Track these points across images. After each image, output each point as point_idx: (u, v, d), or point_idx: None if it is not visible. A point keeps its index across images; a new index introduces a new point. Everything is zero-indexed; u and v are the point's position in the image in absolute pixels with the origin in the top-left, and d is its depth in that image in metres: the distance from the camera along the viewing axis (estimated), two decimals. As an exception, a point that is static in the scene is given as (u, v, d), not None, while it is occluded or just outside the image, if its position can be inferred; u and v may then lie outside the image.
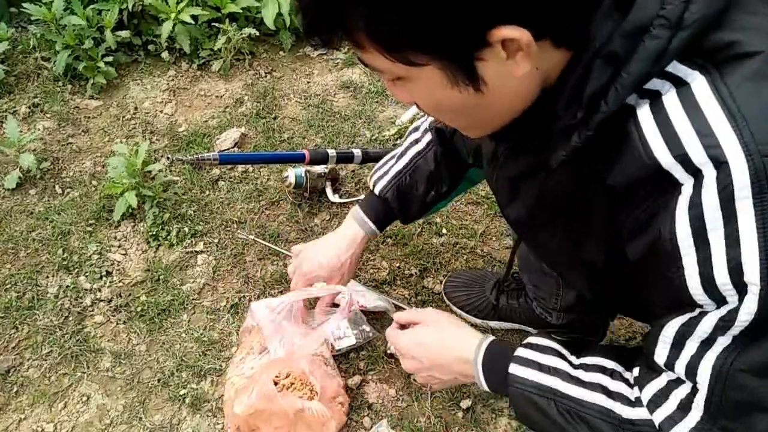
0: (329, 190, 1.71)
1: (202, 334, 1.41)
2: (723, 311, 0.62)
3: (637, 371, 0.78)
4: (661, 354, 0.71)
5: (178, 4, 2.02)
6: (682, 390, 0.70)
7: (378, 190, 1.22)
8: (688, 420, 0.69)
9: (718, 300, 0.61)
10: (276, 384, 1.19)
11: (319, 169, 1.67)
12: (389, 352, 1.35)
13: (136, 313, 1.44)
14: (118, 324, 1.43)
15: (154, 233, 1.60)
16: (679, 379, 0.70)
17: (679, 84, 0.59)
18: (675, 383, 0.71)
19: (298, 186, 1.65)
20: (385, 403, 1.31)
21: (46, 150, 1.83)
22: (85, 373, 1.34)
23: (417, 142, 1.22)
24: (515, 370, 0.86)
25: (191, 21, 2.02)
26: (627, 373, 0.80)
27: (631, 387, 0.77)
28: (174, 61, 2.16)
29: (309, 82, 2.14)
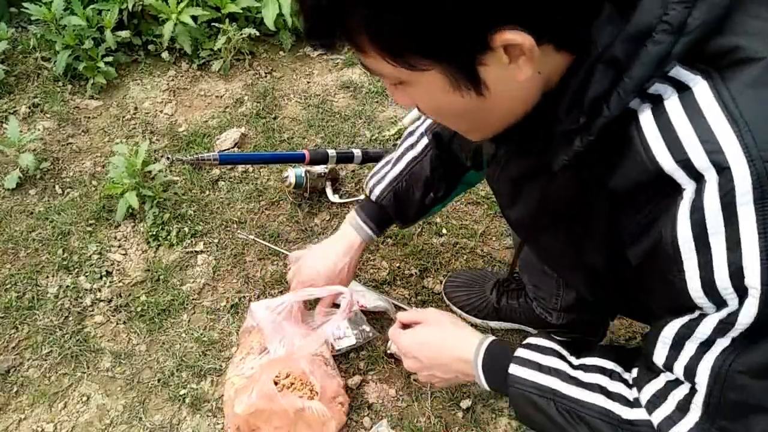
0: (329, 190, 1.71)
1: (202, 334, 1.41)
2: (723, 314, 0.62)
3: (636, 372, 0.78)
4: (660, 355, 0.71)
5: (178, 4, 2.02)
6: (681, 391, 0.70)
7: (375, 196, 1.22)
8: (686, 420, 0.69)
9: (718, 303, 0.62)
10: (276, 384, 1.19)
11: (319, 169, 1.67)
12: (389, 352, 1.36)
13: (136, 313, 1.44)
14: (118, 324, 1.43)
15: (154, 233, 1.60)
16: (678, 380, 0.71)
17: (682, 88, 0.59)
18: (673, 384, 0.71)
19: (298, 186, 1.65)
20: (385, 403, 1.31)
21: (46, 150, 1.83)
22: (85, 373, 1.34)
23: (413, 147, 1.22)
24: (515, 370, 0.87)
25: (192, 22, 2.02)
26: (626, 373, 0.80)
27: (630, 388, 0.78)
28: (174, 61, 2.16)
29: (309, 82, 2.14)
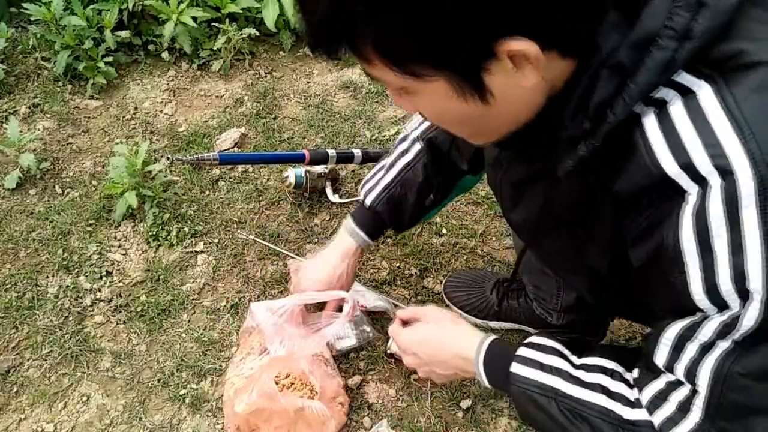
0: (329, 190, 1.71)
1: (202, 334, 1.41)
2: (725, 317, 0.62)
3: (637, 372, 0.78)
4: (661, 356, 0.71)
5: (179, 5, 2.02)
6: (682, 392, 0.70)
7: (369, 203, 1.23)
8: (687, 421, 0.69)
9: (721, 305, 0.62)
10: (276, 384, 1.19)
11: (319, 169, 1.67)
12: (389, 352, 1.36)
13: (136, 313, 1.44)
14: (118, 324, 1.43)
15: (154, 233, 1.60)
16: (679, 381, 0.71)
17: (686, 93, 0.59)
18: (674, 385, 0.71)
19: (298, 186, 1.65)
20: (385, 403, 1.31)
21: (46, 150, 1.83)
22: (85, 373, 1.34)
23: (405, 152, 1.22)
24: (517, 369, 0.87)
25: (192, 22, 2.02)
26: (627, 373, 0.80)
27: (632, 388, 0.78)
28: (174, 61, 2.16)
29: (309, 82, 2.14)
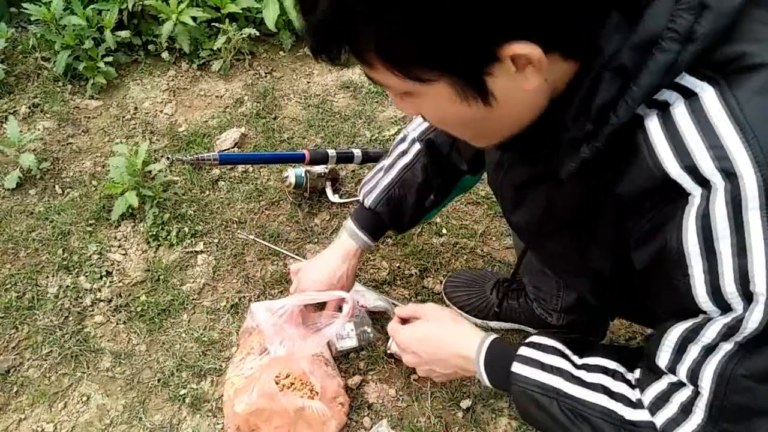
0: (329, 190, 1.71)
1: (202, 334, 1.41)
2: (729, 319, 0.62)
3: (639, 373, 0.78)
4: (663, 358, 0.71)
5: (178, 4, 2.02)
6: (684, 393, 0.70)
7: (369, 204, 1.23)
8: (690, 423, 0.69)
9: (724, 308, 0.62)
10: (276, 384, 1.19)
11: (319, 169, 1.67)
12: (389, 352, 1.36)
13: (136, 313, 1.44)
14: (118, 324, 1.43)
15: (154, 233, 1.60)
16: (681, 383, 0.71)
17: (689, 95, 0.59)
18: (676, 386, 0.71)
19: (298, 186, 1.65)
20: (385, 403, 1.31)
21: (46, 150, 1.83)
22: (85, 373, 1.34)
23: (404, 153, 1.22)
24: (518, 368, 0.87)
25: (191, 22, 2.02)
26: (629, 374, 0.80)
27: (633, 388, 0.78)
28: (174, 61, 2.16)
29: (309, 82, 2.14)
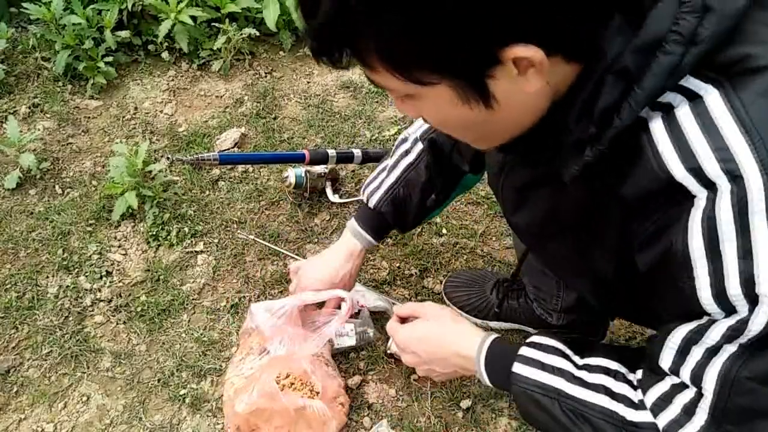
0: (329, 190, 1.71)
1: (202, 334, 1.41)
2: (733, 321, 0.62)
3: (641, 374, 0.78)
4: (666, 359, 0.71)
5: (178, 4, 2.02)
6: (687, 395, 0.70)
7: (373, 204, 1.23)
8: (692, 424, 0.69)
9: (728, 310, 0.61)
10: (276, 384, 1.19)
11: (319, 169, 1.67)
12: (389, 352, 1.35)
13: (136, 313, 1.44)
14: (118, 324, 1.43)
15: (154, 233, 1.60)
16: (683, 384, 0.71)
17: (693, 98, 0.59)
18: (679, 388, 0.71)
19: (298, 186, 1.65)
20: (385, 403, 1.31)
21: (46, 150, 1.83)
22: (85, 373, 1.34)
23: (408, 153, 1.22)
24: (519, 369, 0.86)
25: (190, 21, 2.02)
26: (630, 374, 0.80)
27: (635, 389, 0.77)
28: (174, 61, 2.16)
29: (309, 82, 2.14)
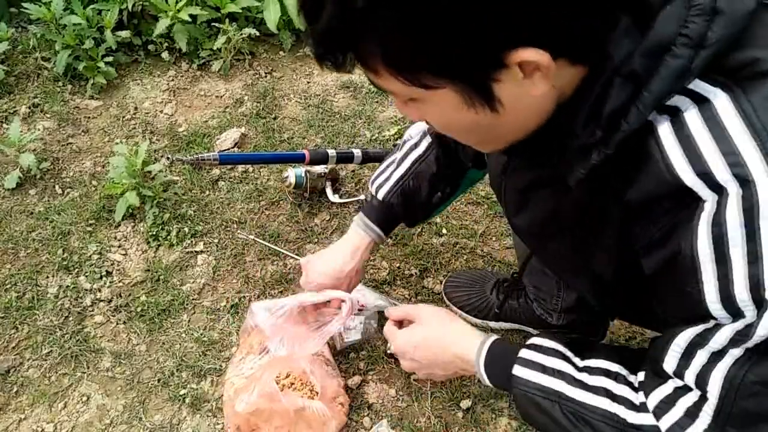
0: (329, 190, 1.71)
1: (202, 334, 1.41)
2: (739, 325, 0.62)
3: (643, 376, 0.78)
4: (670, 362, 0.71)
5: (177, 2, 2.02)
6: (690, 397, 0.70)
7: (382, 196, 1.21)
8: (695, 427, 0.69)
9: (735, 314, 0.61)
10: (276, 383, 1.19)
11: (319, 169, 1.67)
12: (389, 352, 1.35)
13: (136, 313, 1.44)
14: (118, 324, 1.43)
15: (154, 233, 1.60)
16: (687, 387, 0.70)
17: (700, 101, 0.59)
18: (682, 390, 0.71)
19: (298, 186, 1.65)
20: (385, 403, 1.31)
21: (46, 150, 1.83)
22: (85, 373, 1.34)
23: (416, 146, 1.21)
24: (519, 372, 0.86)
25: (189, 19, 2.02)
26: (631, 376, 0.79)
27: (636, 391, 0.77)
28: (174, 61, 2.16)
29: (309, 82, 2.14)
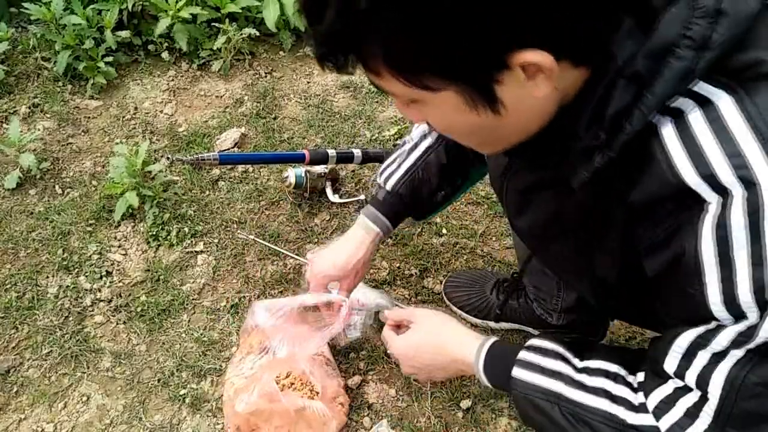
0: (329, 190, 1.71)
1: (202, 334, 1.41)
2: (742, 327, 0.61)
3: (643, 377, 0.77)
4: (671, 363, 0.70)
5: (177, 2, 2.02)
6: (690, 398, 0.70)
7: (390, 187, 1.20)
8: (695, 427, 0.69)
9: (737, 316, 0.61)
10: (276, 383, 1.19)
11: (319, 169, 1.67)
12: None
13: (136, 313, 1.44)
14: (118, 324, 1.43)
15: (154, 233, 1.60)
16: (687, 387, 0.70)
17: (704, 103, 0.59)
18: (682, 391, 0.71)
19: (298, 186, 1.65)
20: (385, 403, 1.31)
21: (46, 150, 1.83)
22: (85, 373, 1.34)
23: (426, 137, 1.20)
24: (518, 373, 0.86)
25: (189, 17, 2.02)
26: (630, 376, 0.79)
27: (635, 391, 0.77)
28: (174, 61, 2.16)
29: (309, 82, 2.14)
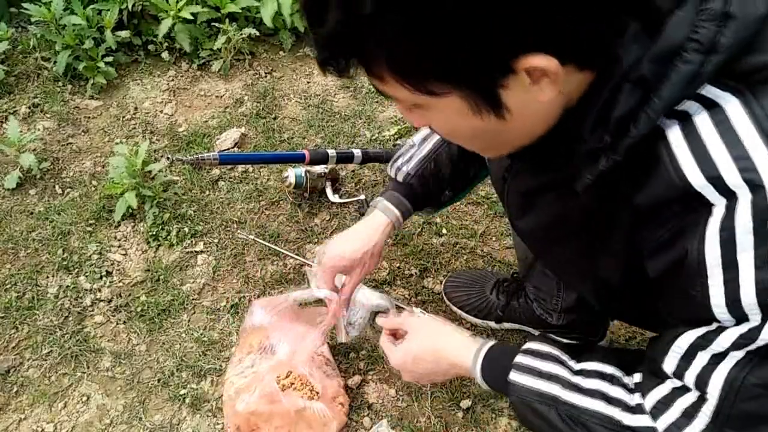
0: (329, 190, 1.71)
1: (202, 334, 1.41)
2: (744, 329, 0.61)
3: (640, 377, 0.77)
4: (670, 363, 0.70)
5: (177, 2, 2.02)
6: (688, 398, 0.70)
7: (402, 176, 1.19)
8: (692, 427, 0.68)
9: (740, 318, 0.61)
10: (277, 384, 1.19)
11: (319, 169, 1.67)
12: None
13: (136, 313, 1.44)
14: (118, 324, 1.43)
15: (154, 233, 1.60)
16: (685, 387, 0.70)
17: (711, 106, 0.58)
18: (680, 391, 0.71)
19: (298, 186, 1.65)
20: (385, 403, 1.31)
21: (46, 150, 1.83)
22: (85, 373, 1.34)
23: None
24: (515, 377, 0.86)
25: (191, 17, 2.02)
26: (627, 378, 0.79)
27: (631, 393, 0.77)
28: (174, 61, 2.16)
29: (309, 82, 2.14)
